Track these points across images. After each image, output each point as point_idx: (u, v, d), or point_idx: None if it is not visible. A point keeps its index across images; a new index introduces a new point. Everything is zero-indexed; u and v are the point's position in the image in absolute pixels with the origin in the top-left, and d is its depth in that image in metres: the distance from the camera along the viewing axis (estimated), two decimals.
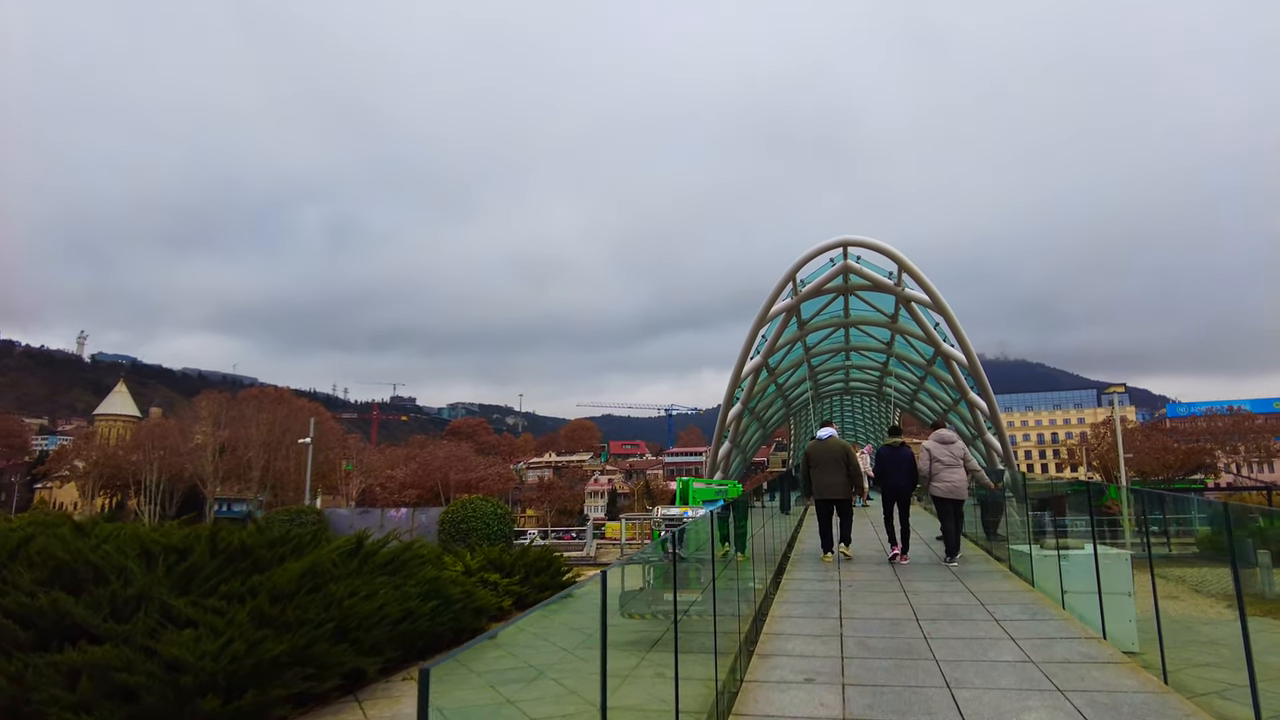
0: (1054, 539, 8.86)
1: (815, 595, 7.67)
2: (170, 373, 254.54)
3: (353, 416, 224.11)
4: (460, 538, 17.62)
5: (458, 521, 17.79)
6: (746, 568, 9.25)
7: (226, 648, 5.76)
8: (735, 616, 6.42)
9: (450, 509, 18.30)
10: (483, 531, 17.60)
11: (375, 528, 20.22)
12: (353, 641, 7.14)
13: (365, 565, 8.81)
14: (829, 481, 10.60)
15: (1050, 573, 7.94)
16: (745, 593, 8.52)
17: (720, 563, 9.31)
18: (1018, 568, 8.70)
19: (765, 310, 27.92)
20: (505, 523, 18.16)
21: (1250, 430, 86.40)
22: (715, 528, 10.02)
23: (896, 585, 8.04)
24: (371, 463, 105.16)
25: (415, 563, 9.70)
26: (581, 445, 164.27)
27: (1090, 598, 7.48)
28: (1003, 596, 7.21)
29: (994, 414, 28.92)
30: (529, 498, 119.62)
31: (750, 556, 10.93)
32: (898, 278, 26.43)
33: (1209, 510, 18.40)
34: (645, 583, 9.39)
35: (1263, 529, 13.52)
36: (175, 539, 7.78)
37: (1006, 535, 10.13)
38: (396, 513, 19.80)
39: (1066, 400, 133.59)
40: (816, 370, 35.39)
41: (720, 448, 34.14)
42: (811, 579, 8.71)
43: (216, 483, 77.66)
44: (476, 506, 18.03)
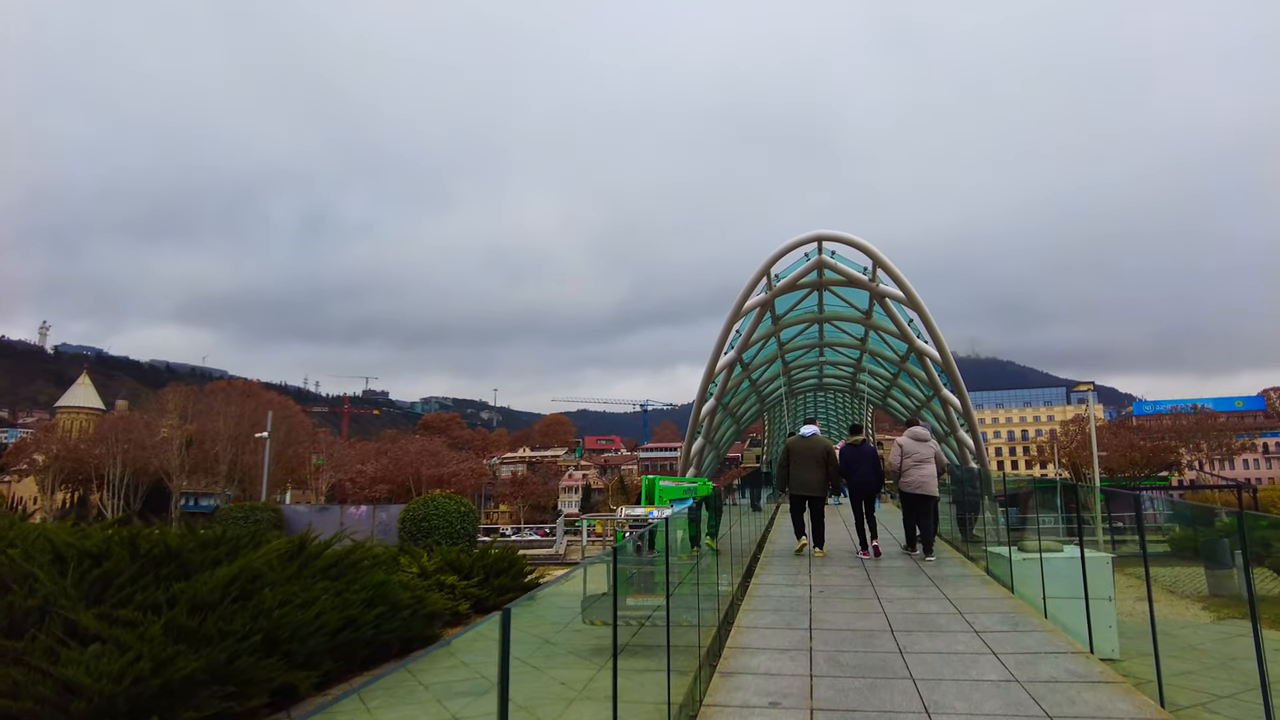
0: (1034, 541, 8.51)
1: (784, 602, 7.23)
2: (137, 365, 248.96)
3: (324, 410, 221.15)
4: (422, 537, 17.00)
5: (419, 520, 17.15)
6: (712, 572, 8.80)
7: (131, 667, 5.17)
8: (698, 627, 5.95)
9: (411, 507, 17.67)
10: (445, 530, 16.99)
11: (334, 526, 19.54)
12: (285, 654, 6.56)
13: (305, 569, 8.21)
14: (807, 478, 10.61)
15: (1030, 578, 7.58)
16: (711, 598, 8.06)
17: (687, 564, 8.86)
18: (995, 571, 8.35)
19: (739, 305, 27.55)
20: (469, 521, 17.56)
21: (1213, 428, 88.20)
22: (682, 529, 9.58)
23: (870, 591, 7.63)
24: (342, 457, 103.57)
25: (362, 566, 9.11)
26: (556, 440, 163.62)
27: (1072, 604, 7.12)
28: (981, 604, 6.82)
29: (967, 411, 28.86)
30: (502, 493, 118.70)
31: (718, 552, 10.51)
32: (872, 273, 26.18)
33: (1190, 512, 18.30)
34: (609, 587, 8.93)
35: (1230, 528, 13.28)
36: (92, 542, 7.12)
37: (983, 536, 9.79)
38: (357, 510, 19.09)
39: (1036, 398, 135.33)
40: (790, 366, 35.16)
41: (693, 444, 33.76)
42: (781, 583, 8.28)
43: (183, 477, 75.98)
44: (439, 504, 17.40)
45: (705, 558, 9.42)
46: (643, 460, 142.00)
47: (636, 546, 9.35)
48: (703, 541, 9.08)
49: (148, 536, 7.55)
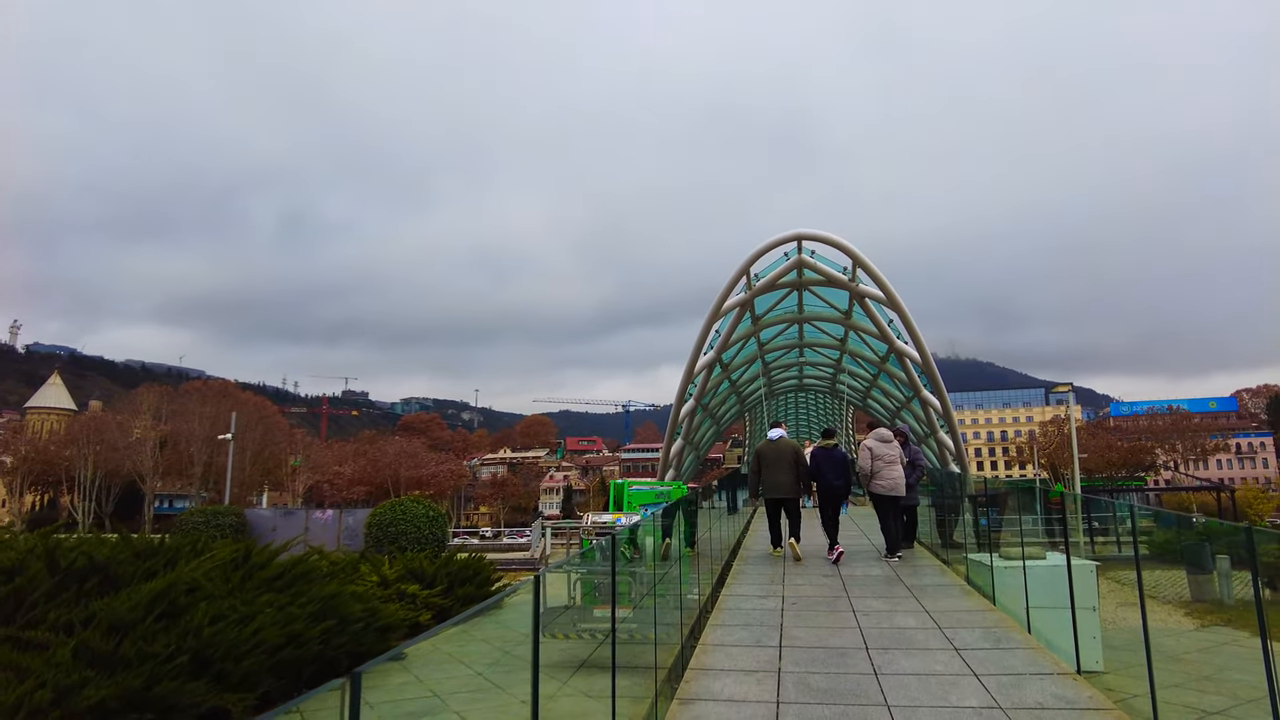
0: (1016, 547, 8.16)
1: (754, 616, 6.83)
2: (111, 364, 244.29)
3: (302, 411, 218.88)
4: (388, 542, 16.45)
5: (385, 524, 16.57)
6: (681, 582, 8.38)
7: (29, 697, 4.66)
8: (655, 645, 5.52)
9: (378, 511, 17.08)
10: (413, 535, 16.41)
11: (299, 530, 18.93)
12: (217, 675, 6.06)
13: (248, 581, 7.69)
14: (779, 481, 10.88)
15: (1012, 587, 7.23)
16: (677, 612, 7.64)
17: (656, 574, 8.44)
18: (976, 580, 8.00)
19: (719, 304, 27.20)
20: (438, 525, 16.99)
21: (1188, 429, 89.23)
22: (652, 537, 9.15)
23: (845, 603, 7.25)
24: (319, 459, 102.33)
25: (314, 576, 8.60)
26: (537, 441, 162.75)
27: (1057, 616, 6.77)
28: (961, 618, 6.46)
29: (947, 412, 28.69)
30: (482, 494, 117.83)
31: (695, 555, 10.11)
32: (852, 273, 25.95)
33: (1173, 517, 18.15)
34: (571, 598, 8.46)
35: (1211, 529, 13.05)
36: (7, 554, 6.57)
37: (964, 542, 9.45)
38: (323, 514, 18.48)
39: (1015, 399, 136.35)
40: (770, 366, 34.87)
41: (673, 445, 33.36)
42: (753, 594, 7.88)
43: (156, 479, 74.62)
44: (406, 508, 16.82)
45: (675, 567, 9.01)
46: (624, 461, 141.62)
47: (604, 554, 8.95)
48: (674, 550, 8.67)
49: (70, 547, 7.00)
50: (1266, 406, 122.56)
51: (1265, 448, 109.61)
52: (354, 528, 18.14)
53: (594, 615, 8.87)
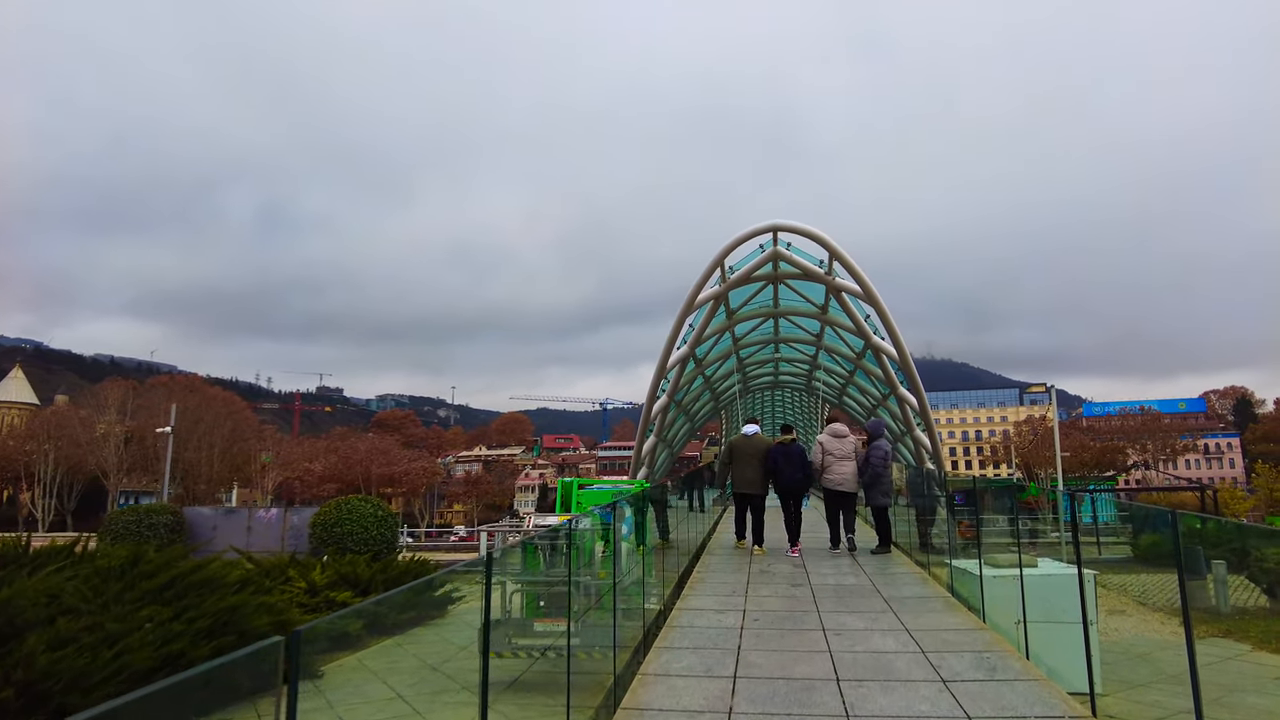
0: (1005, 553, 7.29)
1: (709, 635, 5.91)
2: (79, 359, 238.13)
3: (274, 407, 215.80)
4: (333, 543, 15.37)
5: (330, 525, 15.49)
6: (631, 594, 7.45)
7: None
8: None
9: (324, 510, 15.99)
10: (359, 536, 15.36)
11: (241, 530, 17.78)
12: (57, 710, 5.02)
13: (129, 592, 6.63)
14: (749, 476, 10.98)
15: (1004, 601, 6.37)
16: (624, 625, 6.69)
17: (605, 583, 7.50)
18: (961, 591, 7.16)
19: (692, 297, 26.28)
20: (386, 525, 15.94)
21: (1159, 429, 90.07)
22: (600, 540, 8.22)
23: (814, 619, 6.36)
24: (289, 455, 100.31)
25: (217, 584, 7.55)
26: (513, 439, 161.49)
27: (1057, 636, 5.90)
28: (947, 639, 5.58)
29: (924, 410, 28.03)
30: (456, 492, 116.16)
31: (659, 547, 9.19)
32: (829, 266, 25.18)
33: (1157, 516, 17.50)
34: (505, 611, 7.50)
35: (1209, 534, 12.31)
36: None
37: (948, 547, 8.61)
38: (267, 514, 17.34)
39: (990, 399, 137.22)
40: (745, 362, 34.05)
41: (645, 442, 32.44)
42: (711, 607, 6.97)
43: (121, 475, 72.65)
44: (353, 507, 15.75)
45: (630, 572, 8.08)
46: (601, 459, 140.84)
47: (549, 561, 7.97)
48: (620, 561, 7.74)
49: None
50: (1233, 408, 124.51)
51: (1232, 448, 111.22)
52: (300, 527, 17.03)
53: (534, 630, 7.93)
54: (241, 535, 16.88)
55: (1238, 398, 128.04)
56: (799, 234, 24.85)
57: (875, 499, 11.31)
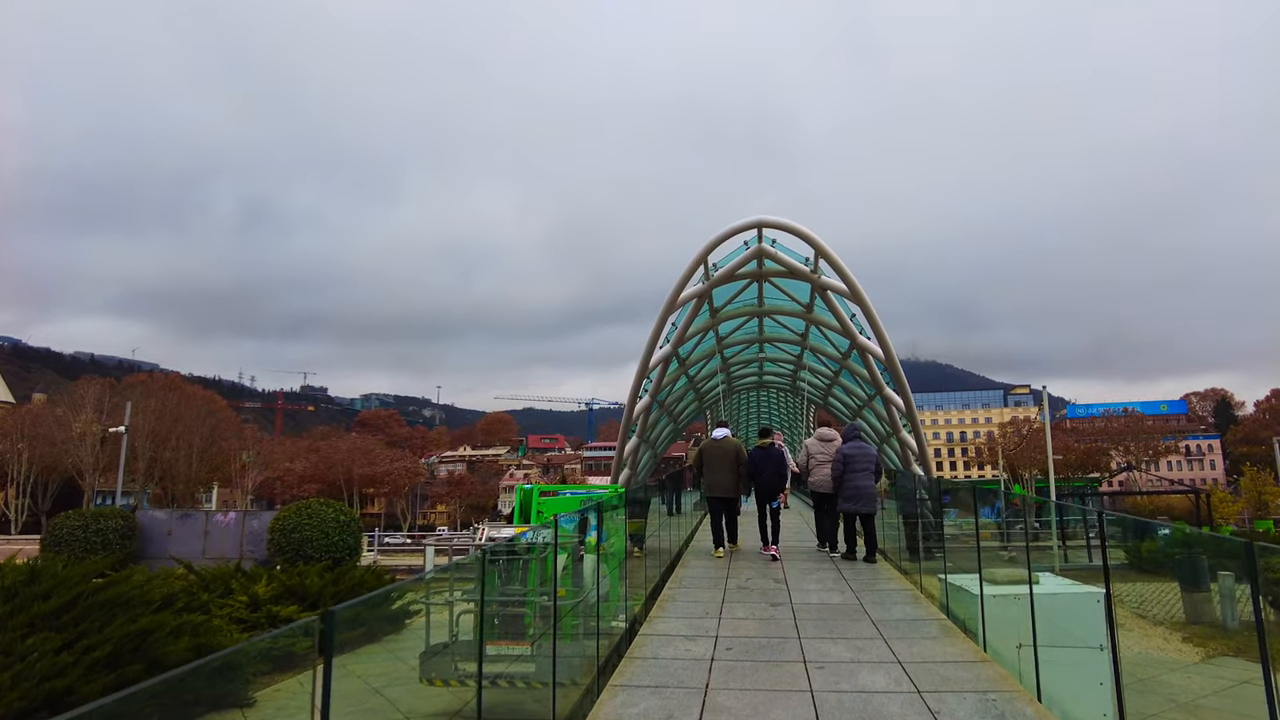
0: (1006, 567, 6.62)
1: (674, 671, 5.19)
2: (59, 357, 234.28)
3: (257, 406, 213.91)
4: (292, 550, 14.55)
5: (289, 530, 14.66)
6: (598, 609, 6.74)
7: None
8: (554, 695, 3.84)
9: (283, 515, 15.16)
10: (320, 542, 14.54)
11: (198, 535, 16.90)
12: None
13: (16, 617, 5.83)
14: (720, 480, 11.08)
15: (1007, 625, 5.70)
16: (576, 661, 5.99)
17: (564, 602, 6.78)
18: (958, 612, 6.49)
19: (675, 294, 25.58)
20: (349, 531, 15.13)
21: (1142, 431, 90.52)
22: (564, 555, 7.48)
23: (794, 647, 5.67)
24: (270, 455, 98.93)
25: (128, 603, 6.76)
26: (498, 439, 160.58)
27: (1071, 669, 5.23)
28: (946, 675, 4.89)
29: (910, 411, 27.48)
30: (439, 493, 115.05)
31: (617, 575, 8.48)
32: (814, 264, 24.60)
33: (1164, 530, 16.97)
34: (453, 633, 6.77)
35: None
36: None
37: (938, 556, 7.93)
38: (224, 518, 16.47)
39: (974, 400, 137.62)
40: (729, 362, 33.42)
41: (628, 443, 31.73)
42: (679, 632, 6.26)
43: (97, 475, 71.31)
44: (314, 511, 14.92)
45: (592, 591, 7.36)
46: (586, 459, 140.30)
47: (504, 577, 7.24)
48: (583, 578, 7.04)
49: None
50: (1213, 410, 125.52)
51: (1213, 449, 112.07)
52: (259, 532, 16.18)
53: (488, 652, 7.21)
54: (198, 540, 16.03)
55: (1218, 400, 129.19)
56: (784, 230, 24.26)
57: (857, 505, 10.79)
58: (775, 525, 11.25)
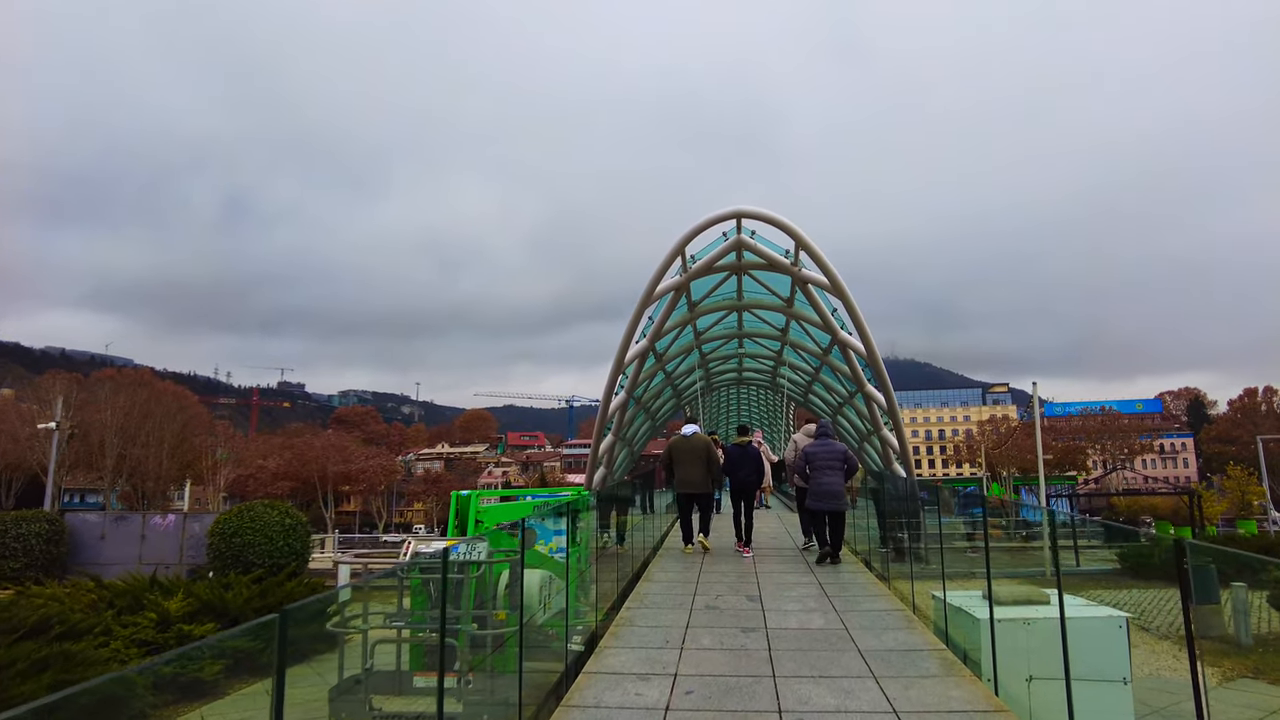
0: (1013, 583, 5.75)
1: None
2: (28, 351, 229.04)
3: (232, 402, 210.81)
4: (232, 556, 13.45)
5: (229, 535, 13.55)
6: (515, 648, 5.80)
7: None
8: None
9: (224, 518, 14.05)
10: (263, 548, 13.44)
11: (134, 539, 15.73)
12: None
13: None
14: (690, 476, 11.13)
15: (1018, 659, 4.81)
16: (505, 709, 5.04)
17: (506, 619, 5.83)
18: (959, 640, 5.60)
19: (651, 287, 24.65)
20: (296, 535, 14.04)
21: (1119, 429, 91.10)
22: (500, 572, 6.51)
23: (769, 690, 4.77)
24: (243, 452, 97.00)
25: None
26: (477, 436, 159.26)
27: (1088, 702, 4.36)
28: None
29: (892, 409, 26.73)
30: (416, 491, 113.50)
31: (576, 596, 7.55)
32: (794, 256, 23.79)
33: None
34: (367, 666, 5.80)
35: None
36: None
37: (940, 571, 7.03)
38: (163, 520, 15.31)
39: (953, 398, 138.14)
40: (708, 358, 32.56)
41: (602, 441, 30.76)
42: (632, 670, 5.34)
43: (63, 472, 69.30)
44: (257, 514, 13.79)
45: (539, 612, 6.42)
46: (566, 457, 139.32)
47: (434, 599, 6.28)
48: (536, 595, 6.11)
49: None
50: (1187, 409, 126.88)
51: (1186, 448, 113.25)
52: (201, 536, 15.04)
53: (415, 684, 6.24)
54: (134, 546, 14.88)
55: (1191, 399, 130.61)
56: (764, 221, 23.41)
57: (826, 504, 10.45)
58: (749, 524, 11.48)
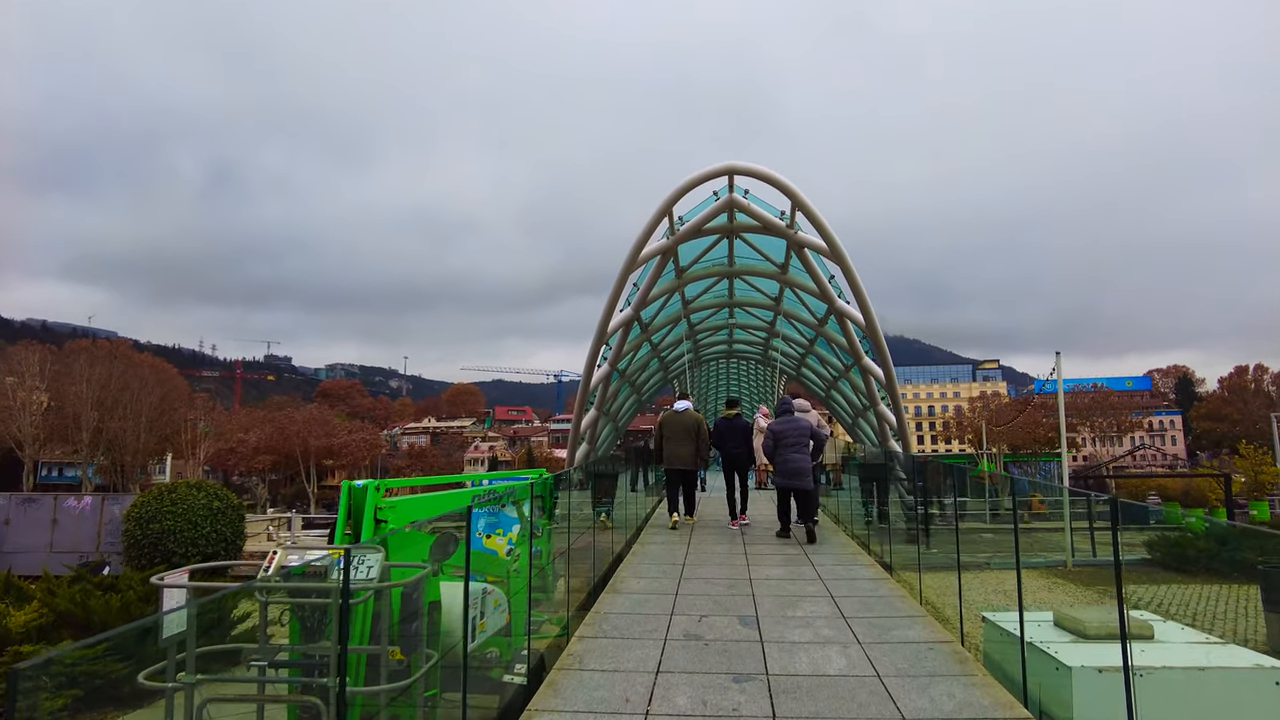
0: (1103, 613, 4.06)
1: None
2: (8, 323, 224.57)
3: (216, 375, 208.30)
4: (149, 545, 11.72)
5: (146, 520, 11.82)
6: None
7: None
8: None
9: (141, 501, 12.31)
10: (185, 535, 11.73)
11: (44, 524, 13.99)
12: None
13: None
14: (679, 452, 11.10)
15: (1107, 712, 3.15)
16: None
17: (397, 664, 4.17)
18: (1006, 668, 3.94)
19: (636, 251, 22.77)
20: (226, 521, 12.31)
21: (1109, 406, 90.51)
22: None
23: None
24: (223, 425, 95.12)
25: None
26: (464, 410, 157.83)
27: None
28: None
29: (890, 383, 25.12)
30: (400, 466, 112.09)
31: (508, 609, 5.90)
32: (790, 219, 22.00)
33: None
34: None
35: None
36: None
37: (955, 551, 5.35)
38: (78, 503, 13.55)
39: (943, 375, 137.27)
40: (697, 328, 30.80)
41: (584, 416, 29.07)
42: (602, 707, 3.68)
43: (39, 446, 67.48)
44: (180, 496, 12.05)
45: (454, 646, 4.77)
46: (554, 432, 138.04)
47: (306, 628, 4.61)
48: (466, 623, 4.44)
49: None
50: (1175, 386, 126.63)
51: (1174, 425, 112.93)
52: (119, 521, 13.27)
53: None
54: (44, 532, 13.14)
55: (1180, 377, 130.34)
56: (757, 178, 21.55)
57: (793, 481, 10.28)
58: (744, 495, 11.59)
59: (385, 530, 4.91)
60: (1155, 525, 19.20)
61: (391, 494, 5.36)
